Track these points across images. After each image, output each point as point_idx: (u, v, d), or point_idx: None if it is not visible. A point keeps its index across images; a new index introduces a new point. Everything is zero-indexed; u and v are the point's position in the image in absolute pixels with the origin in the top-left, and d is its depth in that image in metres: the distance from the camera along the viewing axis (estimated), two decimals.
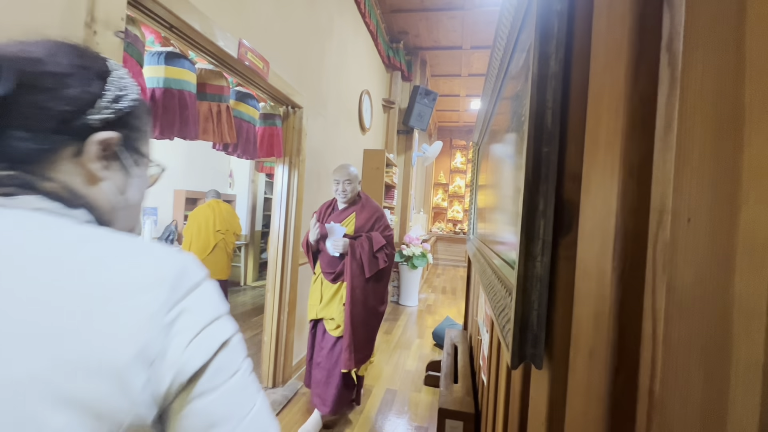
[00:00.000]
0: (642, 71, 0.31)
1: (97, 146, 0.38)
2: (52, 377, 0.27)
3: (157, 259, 0.35)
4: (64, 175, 0.37)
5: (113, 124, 0.39)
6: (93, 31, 1.01)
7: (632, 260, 0.31)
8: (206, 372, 0.33)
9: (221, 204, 3.65)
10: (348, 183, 2.06)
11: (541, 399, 0.51)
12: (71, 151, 0.37)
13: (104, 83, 0.39)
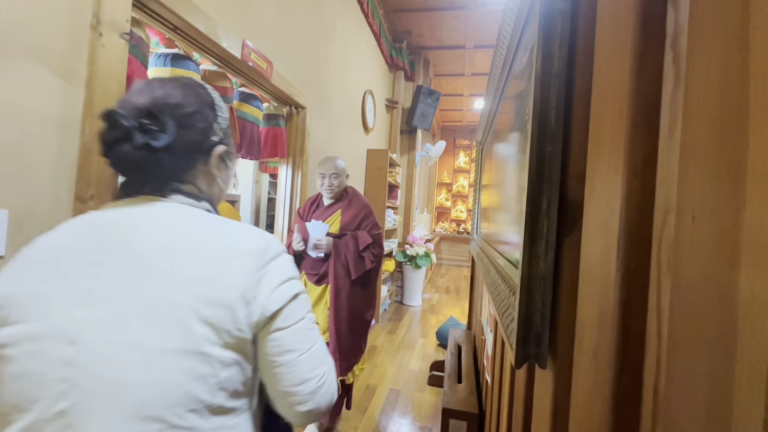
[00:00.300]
0: (646, 70, 0.31)
1: (217, 157, 0.58)
2: (195, 304, 0.45)
3: (251, 237, 0.52)
4: (196, 179, 0.57)
5: (222, 137, 0.59)
6: (98, 33, 1.02)
7: (636, 259, 0.31)
8: (281, 314, 0.50)
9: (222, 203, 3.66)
10: (335, 177, 1.94)
11: (545, 399, 0.51)
12: (201, 162, 0.57)
13: (214, 110, 0.58)
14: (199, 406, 0.44)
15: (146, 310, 0.44)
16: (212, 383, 0.44)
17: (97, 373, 0.42)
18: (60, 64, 0.95)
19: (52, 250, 0.48)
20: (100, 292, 0.44)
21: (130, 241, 0.48)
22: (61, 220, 0.97)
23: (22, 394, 0.41)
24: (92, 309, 0.44)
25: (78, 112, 1.00)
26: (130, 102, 0.53)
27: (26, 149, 0.89)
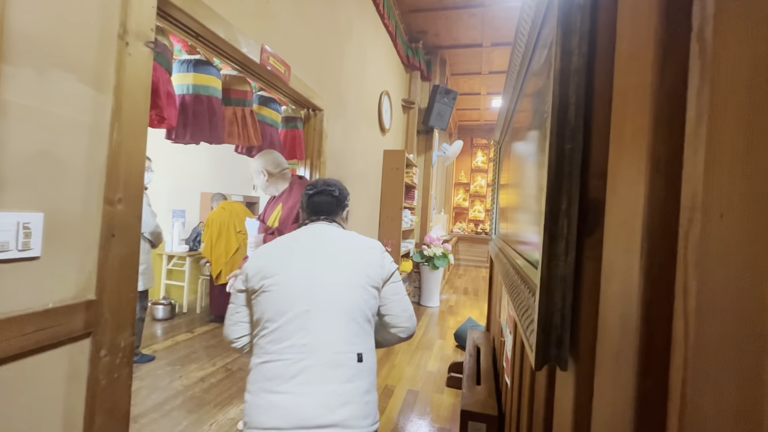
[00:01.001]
0: (669, 65, 0.30)
1: (347, 210, 1.21)
2: (363, 266, 0.98)
3: (373, 240, 1.08)
4: (339, 218, 1.15)
5: (347, 204, 1.20)
6: (125, 42, 1.06)
7: (660, 259, 0.30)
8: (392, 276, 1.03)
9: (233, 204, 3.74)
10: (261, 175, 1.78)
11: (566, 402, 0.49)
12: (343, 212, 1.18)
13: (348, 192, 1.21)
14: (365, 315, 0.95)
15: (340, 267, 0.96)
16: (369, 304, 0.96)
17: (321, 294, 0.91)
18: (90, 73, 0.99)
19: (283, 243, 1.04)
20: (317, 257, 0.97)
21: (324, 237, 1.03)
22: (92, 222, 1.02)
23: (283, 305, 0.90)
24: (314, 265, 0.95)
25: (106, 118, 1.04)
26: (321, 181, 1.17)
27: (59, 155, 0.93)
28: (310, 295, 0.89)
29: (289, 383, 0.82)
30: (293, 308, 0.88)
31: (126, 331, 1.10)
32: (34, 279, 0.89)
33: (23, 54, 0.84)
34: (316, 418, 0.78)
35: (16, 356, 0.86)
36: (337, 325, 0.88)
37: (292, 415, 0.79)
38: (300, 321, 0.87)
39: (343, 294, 0.91)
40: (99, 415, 1.04)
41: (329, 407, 0.80)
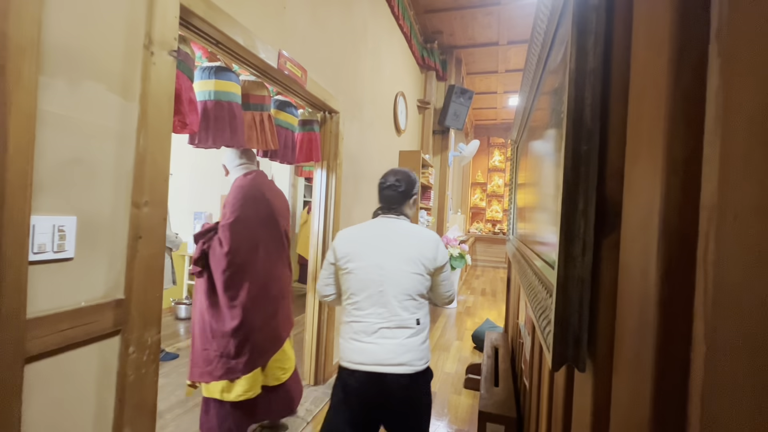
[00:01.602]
0: (686, 64, 0.30)
1: (414, 198, 1.38)
2: (418, 257, 1.23)
3: (432, 232, 1.32)
4: (406, 208, 1.37)
5: (416, 193, 1.40)
6: (150, 52, 1.11)
7: (678, 260, 0.30)
8: (443, 267, 1.29)
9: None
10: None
11: (585, 403, 0.49)
12: (410, 200, 1.37)
13: (415, 180, 1.40)
14: (421, 293, 1.24)
15: (403, 259, 1.22)
16: (425, 285, 1.25)
17: (390, 280, 1.21)
18: (118, 82, 1.04)
19: (364, 234, 1.29)
20: (387, 250, 1.24)
21: (392, 232, 1.28)
22: (120, 224, 1.06)
23: (363, 286, 1.23)
24: (384, 258, 1.23)
25: (133, 125, 1.09)
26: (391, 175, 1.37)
27: (90, 161, 0.98)
28: (382, 281, 1.22)
29: (370, 337, 1.21)
30: (369, 289, 1.23)
31: (153, 329, 1.15)
32: (68, 279, 0.94)
33: (57, 66, 0.89)
34: (388, 360, 1.18)
35: (52, 352, 0.90)
36: (401, 300, 1.22)
37: (372, 357, 1.19)
38: (375, 298, 1.22)
39: (405, 279, 1.23)
40: (128, 409, 1.08)
41: (396, 353, 1.19)
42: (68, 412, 0.96)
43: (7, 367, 0.78)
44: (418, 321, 1.23)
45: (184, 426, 1.98)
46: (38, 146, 0.84)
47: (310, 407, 2.20)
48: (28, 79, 0.78)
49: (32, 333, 0.84)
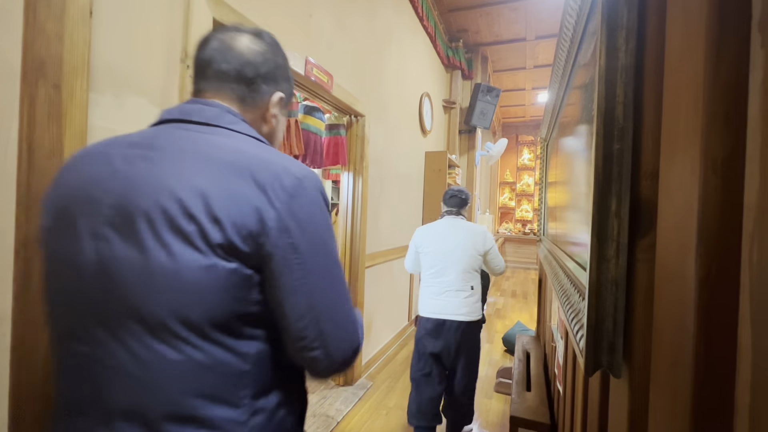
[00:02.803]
0: (724, 59, 0.28)
1: (468, 204, 1.98)
2: (471, 244, 1.78)
3: (480, 227, 1.84)
4: (464, 210, 1.93)
5: None
6: (186, 65, 1.17)
7: (719, 263, 0.29)
8: (490, 250, 1.82)
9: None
10: None
11: (621, 410, 0.47)
12: (467, 206, 1.93)
13: (470, 194, 1.99)
14: (474, 268, 1.79)
15: (462, 245, 1.76)
16: (478, 262, 1.79)
17: (451, 259, 1.76)
18: (158, 95, 1.10)
19: (436, 228, 1.84)
20: (450, 239, 1.78)
21: (454, 226, 1.81)
22: None
23: (433, 264, 1.79)
24: (448, 244, 1.78)
25: None
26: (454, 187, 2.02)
27: None
28: (445, 259, 1.77)
29: (439, 297, 1.77)
30: (438, 265, 1.78)
31: None
32: None
33: (105, 83, 0.95)
34: (452, 312, 1.74)
35: None
36: (459, 273, 1.76)
37: (441, 310, 1.76)
38: (442, 271, 1.78)
39: (463, 259, 1.76)
40: None
41: (457, 307, 1.75)
42: None
43: None
44: (472, 287, 1.80)
45: None
46: None
47: (340, 407, 2.23)
48: (80, 97, 0.85)
49: None
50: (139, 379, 0.43)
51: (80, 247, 0.45)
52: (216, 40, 0.57)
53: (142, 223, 0.43)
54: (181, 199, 0.43)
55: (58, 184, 0.51)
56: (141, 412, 0.43)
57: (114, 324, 0.44)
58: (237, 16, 1.38)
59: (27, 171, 0.76)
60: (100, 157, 0.50)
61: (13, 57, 0.76)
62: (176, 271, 0.43)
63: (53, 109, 0.80)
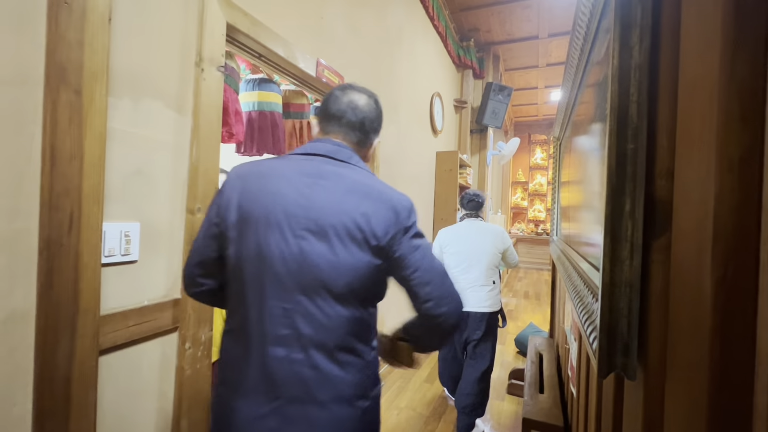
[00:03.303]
0: (741, 57, 0.28)
1: (483, 207, 2.29)
2: (492, 242, 2.03)
3: (498, 228, 2.11)
4: (480, 212, 2.19)
5: None
6: (201, 69, 1.19)
7: (736, 264, 0.28)
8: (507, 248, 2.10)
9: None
10: None
11: (635, 414, 0.47)
12: (482, 208, 2.28)
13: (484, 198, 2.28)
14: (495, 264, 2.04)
15: (483, 244, 2.02)
16: (498, 259, 2.04)
17: (475, 255, 2.01)
18: (173, 99, 1.13)
19: (454, 229, 2.11)
20: (472, 239, 2.04)
21: (474, 226, 2.08)
22: (176, 229, 1.15)
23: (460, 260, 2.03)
24: (471, 242, 2.03)
25: (187, 137, 1.17)
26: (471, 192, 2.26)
27: (150, 172, 1.07)
28: (470, 258, 2.02)
29: (466, 291, 1.98)
30: (463, 263, 2.03)
31: (206, 326, 1.23)
32: (133, 279, 1.03)
33: (122, 87, 0.98)
34: (477, 305, 1.98)
35: (121, 346, 1.00)
36: (484, 270, 2.01)
37: (467, 303, 1.92)
38: (468, 269, 2.01)
39: (485, 257, 2.01)
40: (185, 401, 1.17)
41: (482, 300, 1.98)
42: (135, 402, 1.05)
43: (86, 359, 0.87)
44: (494, 281, 2.05)
45: None
46: (107, 160, 0.94)
47: None
48: (100, 101, 0.87)
49: (104, 328, 0.93)
50: (324, 325, 0.70)
51: (286, 240, 0.70)
52: (346, 97, 0.84)
53: (331, 232, 0.70)
54: (354, 219, 0.70)
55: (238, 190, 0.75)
56: (324, 344, 0.70)
57: (310, 291, 0.70)
58: (250, 20, 1.40)
59: (50, 174, 0.79)
60: (282, 180, 0.74)
61: (36, 64, 0.78)
62: (352, 263, 0.70)
63: (74, 113, 0.82)
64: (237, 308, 0.74)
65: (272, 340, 0.70)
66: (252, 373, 0.71)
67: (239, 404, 0.72)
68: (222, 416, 0.74)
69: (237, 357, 0.73)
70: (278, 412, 0.70)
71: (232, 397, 0.73)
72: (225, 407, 0.74)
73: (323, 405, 0.70)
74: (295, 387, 0.70)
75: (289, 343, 0.70)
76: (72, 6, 0.81)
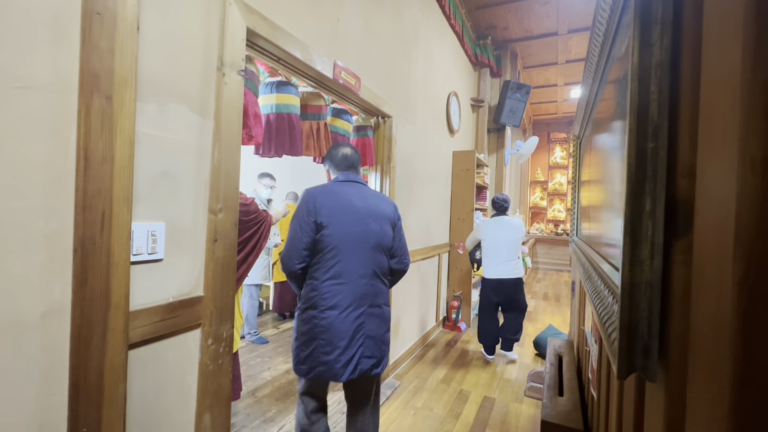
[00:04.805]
0: (764, 54, 0.27)
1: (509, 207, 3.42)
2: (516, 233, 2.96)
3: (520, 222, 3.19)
4: (508, 211, 3.13)
5: None
6: (222, 73, 1.23)
7: (758, 265, 0.28)
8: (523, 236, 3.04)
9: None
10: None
11: (657, 416, 0.46)
12: (509, 208, 3.29)
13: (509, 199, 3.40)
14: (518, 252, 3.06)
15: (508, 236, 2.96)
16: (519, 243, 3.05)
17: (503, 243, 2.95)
18: (196, 102, 1.17)
19: (488, 222, 3.07)
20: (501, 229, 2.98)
21: (503, 221, 3.01)
22: (199, 229, 1.19)
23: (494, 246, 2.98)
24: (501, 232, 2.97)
25: (209, 139, 1.21)
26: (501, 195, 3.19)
27: (175, 173, 1.11)
28: (500, 244, 2.94)
29: (499, 265, 2.95)
30: (497, 247, 2.95)
31: (227, 323, 1.26)
32: (159, 277, 1.07)
33: (149, 92, 1.02)
34: (507, 274, 2.93)
35: (148, 341, 1.04)
36: (511, 250, 2.93)
37: (501, 273, 2.94)
38: (497, 250, 2.96)
39: (510, 243, 2.93)
40: (208, 396, 1.20)
41: (511, 270, 2.93)
42: (161, 395, 1.10)
43: (117, 352, 0.91)
44: (518, 257, 2.95)
45: (254, 415, 2.14)
46: (135, 162, 0.98)
47: None
48: (129, 106, 0.92)
49: (133, 323, 0.97)
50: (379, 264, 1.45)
51: (363, 222, 1.40)
52: (350, 151, 1.54)
53: (380, 218, 1.45)
54: (384, 212, 1.47)
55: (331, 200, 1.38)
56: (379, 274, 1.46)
57: (373, 247, 1.41)
58: (269, 24, 1.43)
59: (83, 176, 0.83)
60: (344, 195, 1.41)
61: (71, 73, 0.83)
62: (387, 233, 1.47)
63: (105, 118, 0.87)
64: (334, 263, 1.34)
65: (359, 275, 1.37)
66: (348, 294, 1.35)
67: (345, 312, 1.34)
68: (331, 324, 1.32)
69: (338, 288, 1.34)
70: (366, 313, 1.38)
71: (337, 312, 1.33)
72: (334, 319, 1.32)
73: (381, 306, 1.44)
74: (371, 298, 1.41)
75: (367, 275, 1.39)
76: (104, 16, 0.85)
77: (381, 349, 1.43)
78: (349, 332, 1.33)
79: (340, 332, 1.32)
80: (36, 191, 0.79)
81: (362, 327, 1.36)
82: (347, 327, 1.33)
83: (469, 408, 2.32)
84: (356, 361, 1.35)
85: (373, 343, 1.40)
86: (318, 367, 1.33)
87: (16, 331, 0.77)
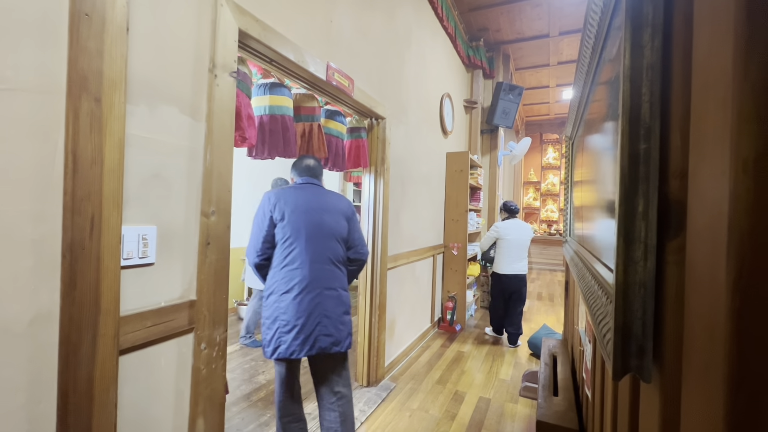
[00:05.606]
0: (755, 55, 0.28)
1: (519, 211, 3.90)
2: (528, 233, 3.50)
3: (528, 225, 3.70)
4: (517, 215, 3.68)
5: None
6: (214, 75, 1.22)
7: (751, 266, 0.28)
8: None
9: None
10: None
11: (651, 417, 0.46)
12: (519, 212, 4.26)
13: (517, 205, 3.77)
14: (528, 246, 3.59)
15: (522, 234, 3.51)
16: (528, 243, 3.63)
17: (517, 242, 3.46)
18: (188, 104, 1.16)
19: (506, 223, 3.53)
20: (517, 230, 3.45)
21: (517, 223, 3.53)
22: (191, 232, 1.18)
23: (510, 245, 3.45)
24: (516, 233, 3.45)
25: (201, 142, 1.20)
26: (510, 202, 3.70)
27: (166, 176, 1.10)
28: (514, 247, 3.47)
29: (513, 263, 3.47)
30: (511, 246, 3.47)
31: (221, 327, 1.25)
32: (150, 282, 1.06)
33: (140, 94, 1.01)
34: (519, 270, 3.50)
35: (139, 346, 1.02)
36: (523, 250, 3.48)
37: (514, 269, 3.49)
38: (512, 249, 3.46)
39: (523, 243, 3.48)
40: (201, 401, 1.19)
41: (522, 267, 3.51)
42: (153, 401, 1.08)
43: (107, 358, 0.90)
44: (527, 255, 3.42)
45: (249, 419, 2.12)
46: (126, 165, 0.97)
47: (363, 408, 2.24)
48: (119, 108, 0.90)
49: (124, 329, 0.96)
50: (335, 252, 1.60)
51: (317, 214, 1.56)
52: (313, 162, 1.71)
53: (334, 213, 1.62)
54: (338, 207, 1.65)
55: (286, 198, 1.55)
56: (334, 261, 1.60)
57: (327, 236, 1.56)
58: (261, 26, 1.42)
59: (72, 179, 0.82)
60: (300, 193, 1.59)
61: (59, 74, 0.81)
62: (342, 225, 1.63)
63: (94, 121, 0.85)
64: (290, 251, 1.50)
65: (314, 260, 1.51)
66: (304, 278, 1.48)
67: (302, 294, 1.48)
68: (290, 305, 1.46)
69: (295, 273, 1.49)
70: (322, 294, 1.51)
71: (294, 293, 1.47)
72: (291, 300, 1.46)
73: (336, 289, 1.57)
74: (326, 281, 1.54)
75: (322, 261, 1.53)
76: (92, 17, 0.84)
77: (338, 328, 1.55)
78: (305, 312, 1.47)
79: (298, 312, 1.46)
80: (23, 195, 0.78)
81: (318, 307, 1.50)
82: (304, 307, 1.47)
83: (465, 409, 2.32)
84: (314, 338, 1.48)
85: (330, 323, 1.53)
86: (280, 346, 1.45)
87: (3, 338, 0.76)
